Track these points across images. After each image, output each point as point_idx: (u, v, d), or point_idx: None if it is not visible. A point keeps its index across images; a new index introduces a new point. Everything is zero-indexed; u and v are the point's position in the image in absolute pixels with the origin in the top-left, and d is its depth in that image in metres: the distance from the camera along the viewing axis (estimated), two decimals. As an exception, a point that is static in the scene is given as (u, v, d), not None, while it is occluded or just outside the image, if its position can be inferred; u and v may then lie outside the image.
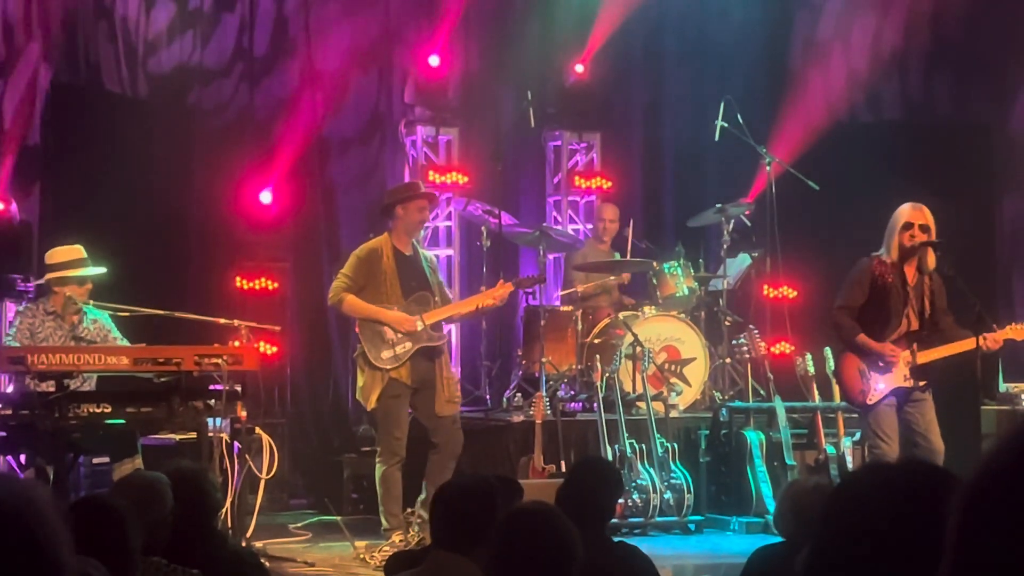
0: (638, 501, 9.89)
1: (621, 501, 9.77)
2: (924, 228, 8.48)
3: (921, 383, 8.55)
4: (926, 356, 8.54)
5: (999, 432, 10.38)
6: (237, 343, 8.74)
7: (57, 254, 9.06)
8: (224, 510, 7.64)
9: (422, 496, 9.12)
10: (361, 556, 9.00)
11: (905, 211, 8.53)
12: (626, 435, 9.98)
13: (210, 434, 8.02)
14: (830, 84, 13.06)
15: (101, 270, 9.07)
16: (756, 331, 10.96)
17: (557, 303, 12.06)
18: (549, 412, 10.12)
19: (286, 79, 12.47)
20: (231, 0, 12.33)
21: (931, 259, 8.56)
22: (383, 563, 7.20)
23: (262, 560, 6.29)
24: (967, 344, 8.45)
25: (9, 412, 7.69)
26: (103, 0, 11.67)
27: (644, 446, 10.02)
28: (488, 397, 11.67)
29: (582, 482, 5.46)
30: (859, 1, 13.29)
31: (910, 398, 8.57)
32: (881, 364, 8.52)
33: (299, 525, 10.51)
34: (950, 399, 9.18)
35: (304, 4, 12.50)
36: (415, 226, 9.47)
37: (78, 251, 9.04)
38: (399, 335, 9.19)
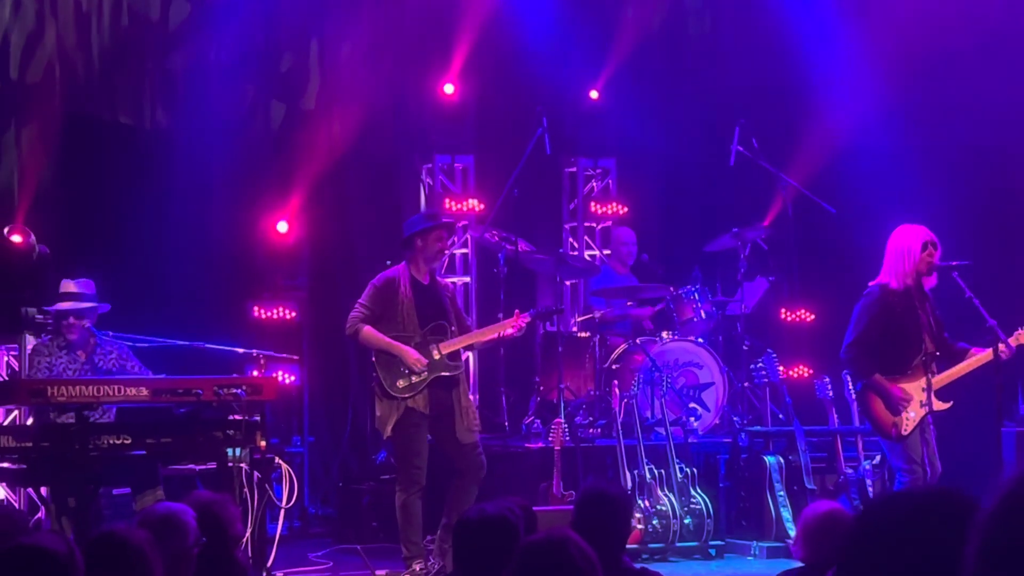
0: (658, 527, 9.87)
1: (641, 527, 9.76)
2: (935, 245, 8.51)
3: (948, 404, 8.57)
4: (941, 380, 8.56)
5: (1021, 457, 10.38)
6: (256, 372, 8.76)
7: (62, 286, 9.19)
8: (244, 540, 7.65)
9: (444, 521, 9.11)
10: (382, 584, 9.02)
11: (917, 233, 8.53)
12: (645, 461, 9.97)
13: (230, 464, 8.03)
14: (843, 106, 13.04)
15: (81, 305, 9.12)
16: (774, 355, 10.95)
17: (575, 329, 12.05)
18: (568, 438, 10.12)
19: (303, 109, 12.52)
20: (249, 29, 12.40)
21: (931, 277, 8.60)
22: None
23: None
24: (979, 360, 8.56)
25: (30, 445, 7.71)
26: (121, 33, 11.74)
27: (663, 472, 10.00)
28: (507, 424, 11.65)
29: (590, 515, 5.40)
30: (871, 24, 13.28)
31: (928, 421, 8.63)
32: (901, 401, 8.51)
33: (320, 554, 10.49)
34: (969, 421, 9.16)
35: (320, 34, 12.55)
36: (434, 256, 9.37)
37: (69, 285, 9.14)
38: (415, 365, 9.19)
